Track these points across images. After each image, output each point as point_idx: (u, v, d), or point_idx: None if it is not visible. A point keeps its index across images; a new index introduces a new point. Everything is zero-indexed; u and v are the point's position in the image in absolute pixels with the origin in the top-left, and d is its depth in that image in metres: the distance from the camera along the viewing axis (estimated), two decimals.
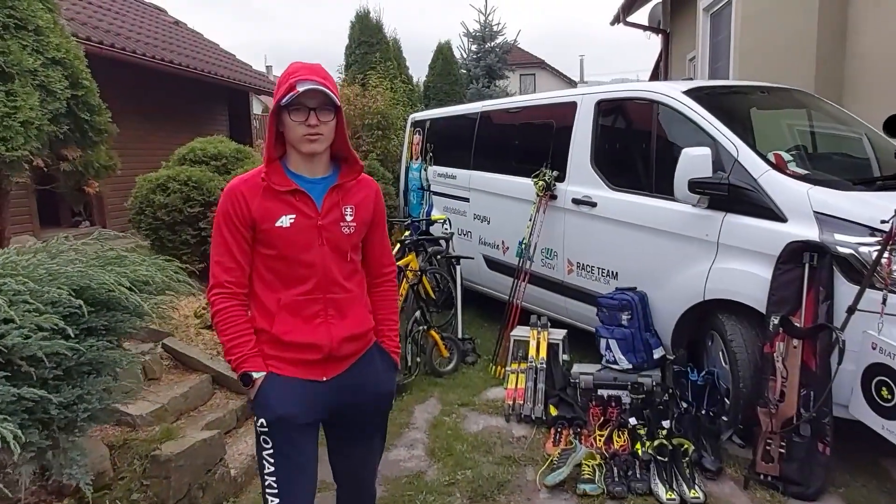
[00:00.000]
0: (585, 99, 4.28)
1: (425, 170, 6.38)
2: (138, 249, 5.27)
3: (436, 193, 6.18)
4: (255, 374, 1.72)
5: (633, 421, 3.20)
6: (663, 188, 3.57)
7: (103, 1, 9.00)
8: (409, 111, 8.10)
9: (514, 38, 14.17)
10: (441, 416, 3.78)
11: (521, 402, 3.75)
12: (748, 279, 3.12)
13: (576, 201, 4.22)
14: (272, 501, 1.76)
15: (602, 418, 3.37)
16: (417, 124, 6.65)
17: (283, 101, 1.64)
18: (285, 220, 1.71)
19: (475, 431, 3.58)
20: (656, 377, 3.57)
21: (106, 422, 1.79)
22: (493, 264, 5.30)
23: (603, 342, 3.73)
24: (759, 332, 3.10)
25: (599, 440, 3.18)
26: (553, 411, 3.62)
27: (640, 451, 3.03)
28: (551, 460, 3.05)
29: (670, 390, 3.44)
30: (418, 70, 11.75)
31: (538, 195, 4.46)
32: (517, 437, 3.51)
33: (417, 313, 4.36)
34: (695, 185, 3.23)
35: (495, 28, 13.38)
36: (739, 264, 3.18)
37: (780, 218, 3.03)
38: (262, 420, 1.74)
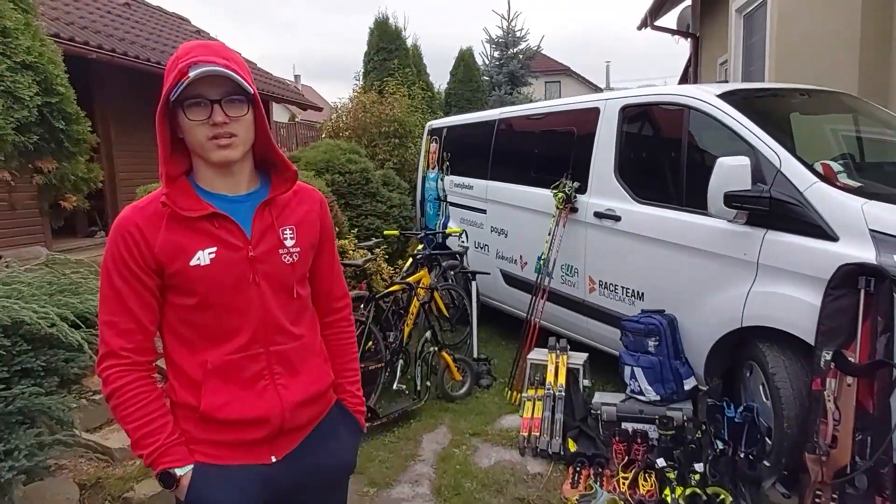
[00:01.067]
0: (609, 104, 3.97)
1: (442, 180, 6.12)
2: None
3: (452, 204, 5.92)
4: (178, 472, 1.28)
5: (661, 462, 2.87)
6: (695, 202, 3.24)
7: (123, 10, 8.98)
8: (427, 118, 7.88)
9: (537, 45, 13.90)
10: (451, 448, 3.49)
11: (538, 433, 3.44)
12: (793, 305, 2.77)
13: (598, 215, 3.91)
14: None
15: (626, 457, 3.05)
16: (434, 132, 6.41)
17: (173, 93, 1.21)
18: (203, 256, 1.28)
19: (486, 466, 3.28)
20: (687, 411, 3.23)
21: (42, 476, 1.57)
22: (510, 280, 5.00)
23: (627, 370, 3.41)
24: (805, 366, 2.75)
25: (623, 483, 2.86)
26: (572, 446, 3.30)
27: (669, 499, 2.69)
28: None
29: (703, 426, 3.10)
30: (440, 77, 11.55)
31: (557, 208, 4.16)
32: (532, 474, 3.20)
33: (428, 333, 4.08)
34: (731, 199, 2.90)
35: (518, 34, 13.13)
36: (783, 288, 2.83)
37: (831, 236, 2.68)
38: None
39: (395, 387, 3.99)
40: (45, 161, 2.65)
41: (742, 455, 2.79)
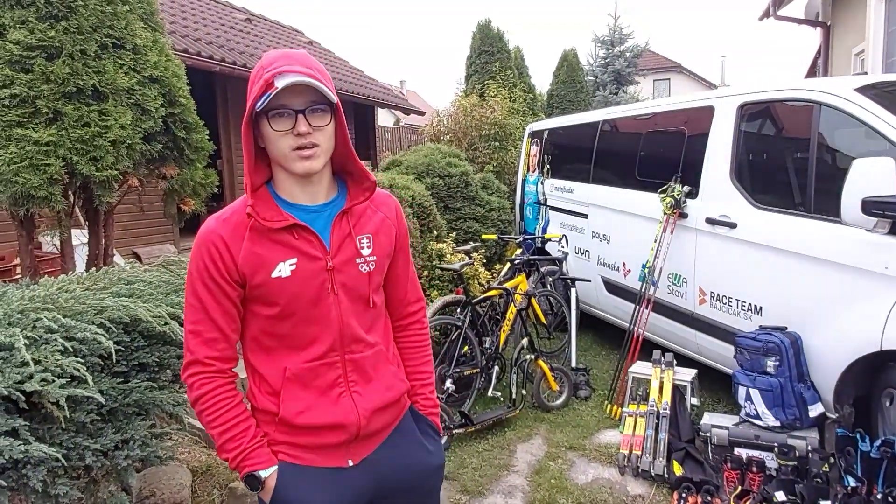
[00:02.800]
0: (725, 102, 3.68)
1: (542, 183, 5.99)
2: None
3: (552, 208, 5.77)
4: (263, 474, 1.31)
5: (780, 496, 2.60)
6: (825, 208, 2.92)
7: (245, 25, 9.63)
8: (528, 121, 7.76)
9: (645, 42, 13.30)
10: (546, 461, 3.38)
11: (639, 452, 3.25)
12: None
13: (710, 221, 3.63)
14: None
15: (739, 487, 2.79)
16: (535, 135, 6.29)
17: (259, 104, 1.21)
18: (284, 268, 1.28)
19: (583, 483, 3.14)
20: (812, 440, 2.91)
21: (154, 465, 1.67)
22: (612, 288, 4.79)
23: (742, 391, 3.13)
24: None
25: None
26: (677, 469, 3.08)
27: None
28: None
29: (832, 459, 2.78)
30: (542, 79, 11.35)
31: (665, 213, 3.92)
32: (632, 495, 3.02)
33: (525, 341, 3.99)
34: (871, 206, 2.57)
35: (625, 31, 12.62)
36: None
37: None
38: None
39: (490, 393, 3.94)
40: (168, 168, 2.88)
41: (879, 495, 2.46)
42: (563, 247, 5.50)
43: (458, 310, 4.00)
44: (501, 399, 3.93)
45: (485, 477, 3.24)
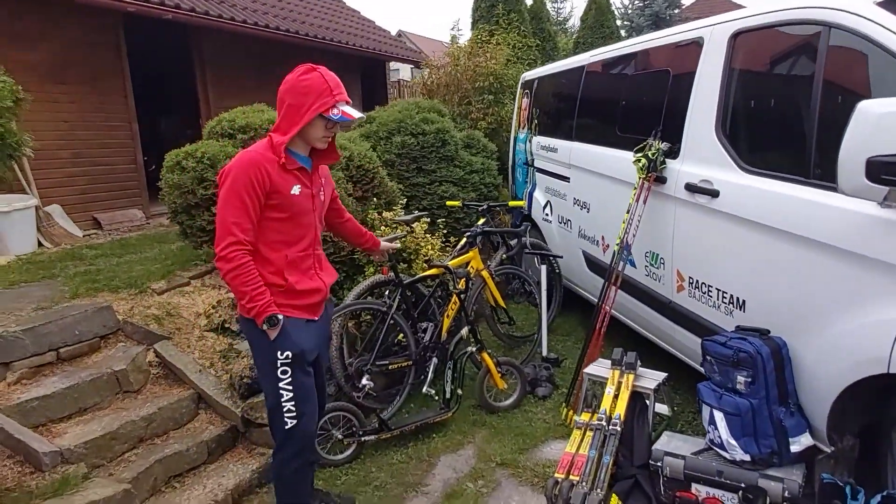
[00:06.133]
0: (715, 32, 2.83)
1: (529, 141, 5.22)
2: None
3: (538, 170, 5.00)
4: (280, 317, 2.04)
5: None
6: (827, 171, 2.12)
7: None
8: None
9: None
10: (466, 481, 2.79)
11: (578, 478, 2.59)
12: None
13: (690, 188, 2.85)
14: (290, 423, 2.12)
15: None
16: (526, 85, 5.48)
17: (334, 117, 2.05)
18: (297, 189, 2.08)
19: None
20: (792, 483, 2.18)
21: None
22: (592, 265, 4.05)
23: (706, 411, 2.42)
24: None
25: None
26: None
27: None
28: None
29: None
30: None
31: (639, 177, 3.14)
32: None
33: (465, 330, 3.34)
34: (881, 168, 1.78)
35: None
36: None
37: None
38: (287, 353, 2.07)
39: (424, 390, 3.34)
40: None
41: None
42: (547, 215, 4.77)
43: (387, 293, 3.39)
44: (436, 398, 3.33)
45: (385, 499, 2.68)
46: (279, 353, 2.07)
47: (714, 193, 2.69)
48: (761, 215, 2.43)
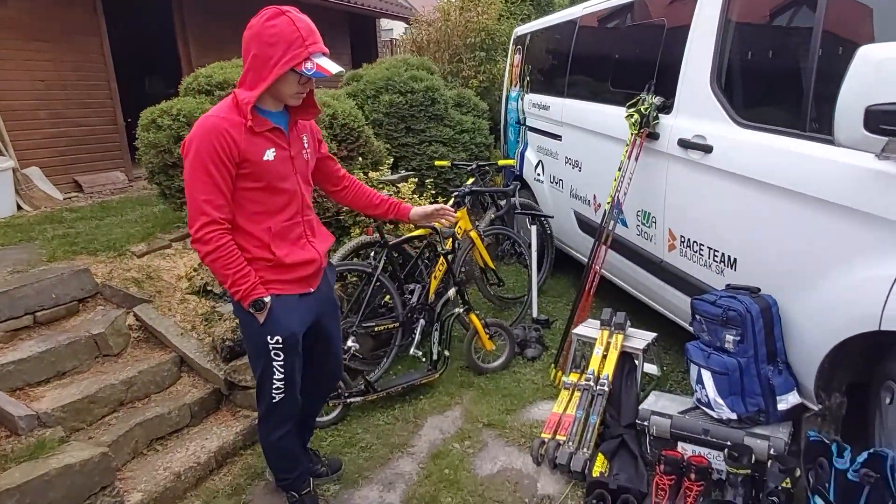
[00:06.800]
0: None
1: (521, 99, 5.08)
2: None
3: (530, 129, 4.88)
4: (266, 299, 1.88)
5: None
6: (827, 125, 2.03)
7: None
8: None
9: None
10: (452, 441, 2.77)
11: (564, 438, 2.58)
12: None
13: (683, 143, 2.76)
14: (278, 397, 2.03)
15: (669, 501, 2.10)
16: (518, 41, 5.30)
17: (307, 72, 1.77)
18: (270, 154, 1.84)
19: (484, 475, 2.52)
20: (778, 441, 2.17)
21: None
22: (584, 225, 3.98)
23: (694, 370, 2.39)
24: None
25: None
26: (600, 466, 2.41)
27: None
28: None
29: (797, 472, 2.05)
30: None
31: (632, 133, 3.04)
32: (539, 497, 2.38)
33: (452, 291, 3.29)
34: (880, 118, 1.69)
35: None
36: None
37: None
38: (277, 338, 1.93)
39: (412, 352, 3.31)
40: None
41: None
42: (538, 175, 4.67)
43: (373, 254, 3.32)
44: (423, 360, 3.30)
45: (371, 460, 2.67)
46: (269, 338, 1.93)
47: (707, 149, 2.61)
48: (755, 171, 2.35)
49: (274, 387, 2.01)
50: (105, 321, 2.98)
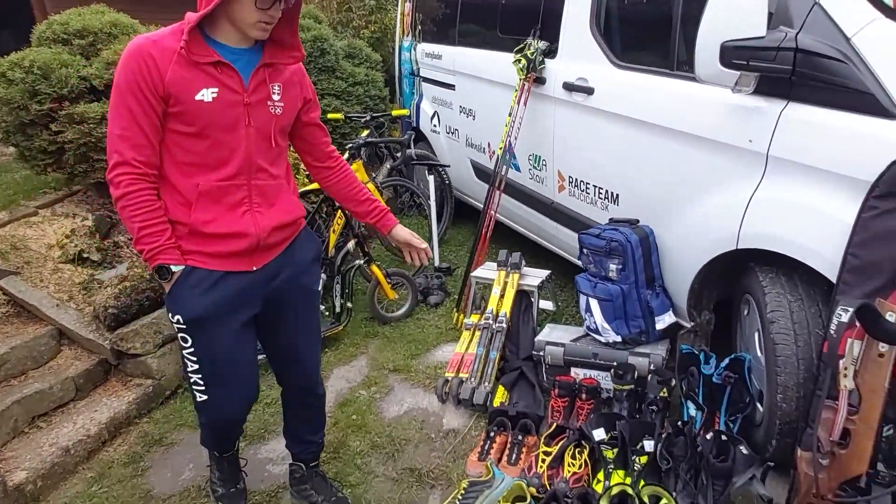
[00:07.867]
0: None
1: (414, 49, 5.01)
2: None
3: (425, 80, 4.84)
4: (174, 268, 1.57)
5: (599, 434, 2.07)
6: (692, 64, 2.17)
7: None
8: None
9: None
10: (359, 389, 2.80)
11: (467, 374, 2.69)
12: (814, 221, 1.80)
13: (567, 86, 2.86)
14: (200, 397, 1.72)
15: (555, 423, 2.26)
16: None
17: None
18: (207, 94, 1.50)
19: (392, 417, 2.59)
20: (657, 358, 2.38)
21: None
22: (480, 173, 4.05)
23: (583, 300, 2.55)
24: (823, 313, 1.83)
25: (544, 462, 2.09)
26: (500, 397, 2.54)
27: (601, 492, 1.92)
28: (455, 496, 2.01)
29: (673, 382, 2.27)
30: None
31: (520, 79, 3.11)
32: (444, 431, 2.48)
33: (352, 244, 3.27)
34: (732, 53, 1.84)
35: None
36: (802, 194, 1.84)
37: (888, 113, 1.63)
38: (178, 317, 1.62)
39: None
40: None
41: (712, 433, 1.95)
42: (435, 126, 4.67)
43: None
44: (326, 314, 3.28)
45: (277, 415, 2.64)
46: (171, 315, 1.62)
47: (589, 91, 2.72)
48: (631, 110, 2.49)
49: (192, 381, 1.70)
50: None
